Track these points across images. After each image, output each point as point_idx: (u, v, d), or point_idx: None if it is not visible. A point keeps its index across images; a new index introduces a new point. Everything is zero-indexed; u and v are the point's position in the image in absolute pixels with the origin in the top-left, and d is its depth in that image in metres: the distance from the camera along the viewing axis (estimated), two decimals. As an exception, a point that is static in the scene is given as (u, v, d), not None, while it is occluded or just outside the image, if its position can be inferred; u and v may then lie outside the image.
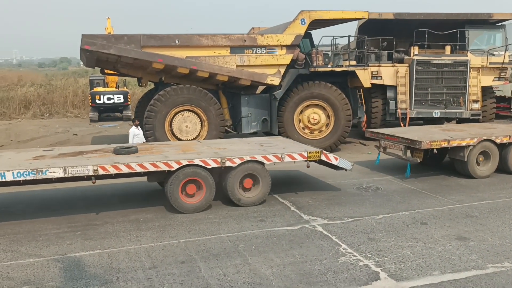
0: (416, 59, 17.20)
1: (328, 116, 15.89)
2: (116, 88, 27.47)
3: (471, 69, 17.37)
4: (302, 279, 5.97)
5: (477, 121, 17.16)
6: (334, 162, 9.98)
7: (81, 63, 25.10)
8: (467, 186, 10.78)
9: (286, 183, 11.10)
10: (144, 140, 13.57)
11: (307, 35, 16.54)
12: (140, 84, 16.47)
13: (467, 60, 17.32)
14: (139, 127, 13.80)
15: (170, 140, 14.10)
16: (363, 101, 17.14)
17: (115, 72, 16.93)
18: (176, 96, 14.58)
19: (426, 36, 17.02)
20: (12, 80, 38.80)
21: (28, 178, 7.88)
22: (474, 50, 17.83)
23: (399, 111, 17.25)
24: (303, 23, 15.15)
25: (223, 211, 8.91)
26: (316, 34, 17.55)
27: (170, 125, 14.66)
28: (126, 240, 7.45)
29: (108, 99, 25.58)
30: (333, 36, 16.11)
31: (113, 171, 8.30)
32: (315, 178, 11.62)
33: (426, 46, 17.52)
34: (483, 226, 7.94)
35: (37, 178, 7.94)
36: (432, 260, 6.53)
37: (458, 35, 17.55)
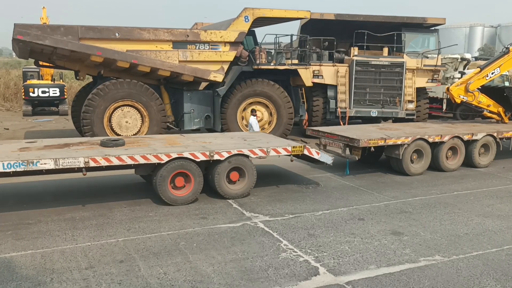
0: (356, 60, 17.71)
1: (270, 114, 16.05)
2: (51, 81, 26.39)
3: (406, 71, 18.11)
4: (243, 276, 5.98)
5: (411, 120, 17.93)
6: (316, 156, 10.35)
7: (14, 53, 23.86)
8: (402, 183, 11.24)
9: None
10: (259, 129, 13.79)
11: (251, 33, 16.60)
12: (78, 78, 15.87)
13: (403, 62, 18.05)
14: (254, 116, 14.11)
15: (109, 136, 13.70)
16: (305, 100, 17.46)
17: (50, 64, 16.22)
18: (116, 91, 14.18)
19: (365, 37, 17.55)
20: None
21: (18, 169, 7.75)
22: (410, 53, 18.61)
23: (339, 110, 17.70)
24: (246, 20, 15.18)
25: (163, 209, 8.76)
26: (260, 32, 17.66)
27: (109, 120, 14.25)
28: (61, 240, 7.15)
29: (43, 92, 24.52)
30: (276, 35, 16.29)
31: (104, 163, 8.27)
32: (257, 175, 11.67)
33: (365, 47, 18.08)
34: (416, 221, 8.30)
35: (28, 169, 7.83)
36: (368, 254, 6.74)
37: (395, 38, 18.25)
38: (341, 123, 17.36)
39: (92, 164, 8.20)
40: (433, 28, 19.51)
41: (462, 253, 6.86)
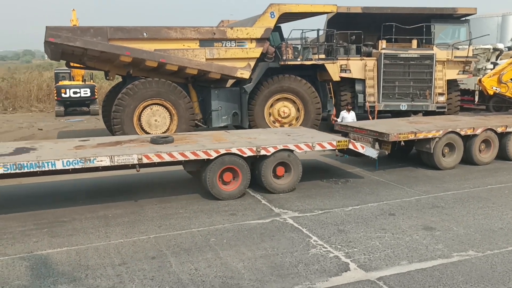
0: (384, 53, 17.46)
1: (298, 110, 16.00)
2: (82, 81, 26.90)
3: (436, 63, 17.74)
4: (273, 272, 6.00)
5: (442, 113, 17.56)
6: (361, 150, 10.41)
7: (46, 56, 24.41)
8: (433, 177, 11.04)
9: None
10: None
11: (277, 28, 16.56)
12: (108, 78, 16.17)
13: (433, 54, 17.68)
14: (351, 111, 14.56)
15: (138, 134, 13.92)
16: (332, 94, 17.31)
17: (81, 66, 16.57)
18: (145, 90, 14.39)
19: (393, 30, 17.28)
20: (-28, 74, 37.53)
21: (76, 166, 8.12)
22: (440, 44, 18.21)
23: (367, 104, 17.49)
24: (272, 16, 15.16)
25: (193, 205, 8.86)
26: (286, 28, 17.61)
27: (139, 119, 14.47)
28: (95, 237, 7.32)
29: (75, 93, 25.04)
30: (302, 30, 16.20)
31: (156, 159, 8.59)
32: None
33: (393, 40, 17.80)
34: (448, 216, 8.15)
35: (85, 166, 8.19)
36: (400, 250, 6.66)
37: (424, 29, 17.89)
38: (370, 117, 17.16)
39: (145, 160, 8.48)
40: (463, 18, 19.03)
41: (497, 248, 6.70)
